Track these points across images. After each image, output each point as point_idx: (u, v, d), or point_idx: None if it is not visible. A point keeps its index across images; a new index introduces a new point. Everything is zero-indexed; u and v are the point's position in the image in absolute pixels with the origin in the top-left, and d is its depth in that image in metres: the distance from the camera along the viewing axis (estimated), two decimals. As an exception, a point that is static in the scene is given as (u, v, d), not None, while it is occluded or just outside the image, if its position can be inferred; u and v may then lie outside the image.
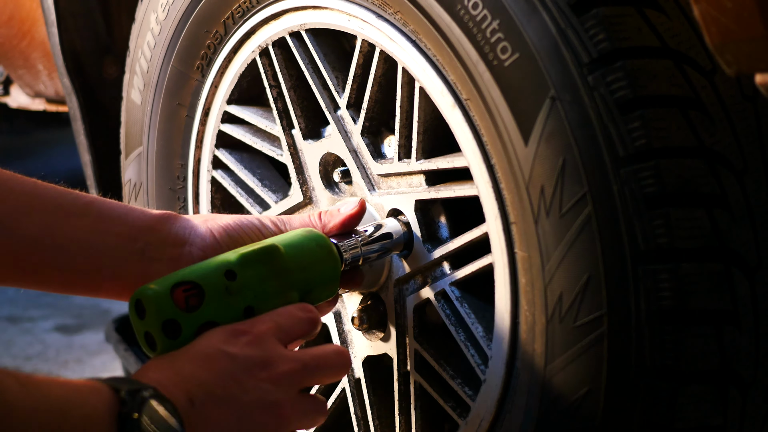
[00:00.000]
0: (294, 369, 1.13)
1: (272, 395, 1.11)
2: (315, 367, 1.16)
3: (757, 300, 1.19)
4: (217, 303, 1.15)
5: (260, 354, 1.11)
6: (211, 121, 1.65)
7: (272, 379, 1.11)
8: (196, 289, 1.14)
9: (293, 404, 1.13)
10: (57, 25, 1.99)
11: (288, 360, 1.13)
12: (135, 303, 1.14)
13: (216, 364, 1.08)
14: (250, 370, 1.10)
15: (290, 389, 1.13)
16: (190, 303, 1.13)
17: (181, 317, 1.12)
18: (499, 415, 1.31)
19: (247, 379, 1.09)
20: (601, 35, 1.14)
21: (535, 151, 1.18)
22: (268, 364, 1.12)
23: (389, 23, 1.35)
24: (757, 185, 1.19)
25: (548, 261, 1.20)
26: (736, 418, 1.20)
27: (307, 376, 1.15)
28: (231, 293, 1.15)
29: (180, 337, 1.12)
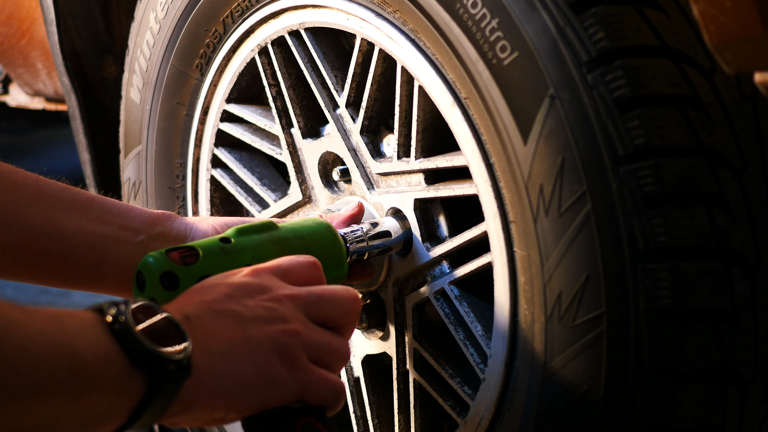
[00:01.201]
0: (298, 293, 1.07)
1: (276, 312, 1.03)
2: (320, 294, 1.08)
3: (755, 299, 1.19)
4: (216, 260, 1.14)
5: (258, 281, 1.06)
6: (210, 119, 1.65)
7: (274, 298, 1.05)
8: (192, 250, 1.14)
9: (303, 324, 1.05)
10: (56, 23, 1.99)
11: (289, 287, 1.07)
12: (136, 277, 1.14)
13: (214, 290, 1.04)
14: (249, 293, 1.04)
15: (296, 311, 1.05)
16: (187, 261, 1.13)
17: (178, 269, 1.12)
18: (498, 414, 1.31)
19: (248, 300, 1.03)
20: (600, 34, 1.14)
21: (534, 150, 1.18)
22: (268, 288, 1.06)
23: (388, 22, 1.35)
24: (756, 184, 1.19)
25: (547, 260, 1.20)
26: (735, 416, 1.20)
27: (312, 303, 1.07)
28: (228, 253, 1.15)
29: (179, 288, 1.11)
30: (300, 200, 1.56)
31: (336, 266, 1.29)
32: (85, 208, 1.19)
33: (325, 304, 1.08)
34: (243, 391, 0.99)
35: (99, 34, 2.03)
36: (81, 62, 2.03)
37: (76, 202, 1.19)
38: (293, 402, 1.03)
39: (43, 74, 2.26)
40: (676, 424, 1.17)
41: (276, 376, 1.01)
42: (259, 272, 1.07)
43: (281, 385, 1.01)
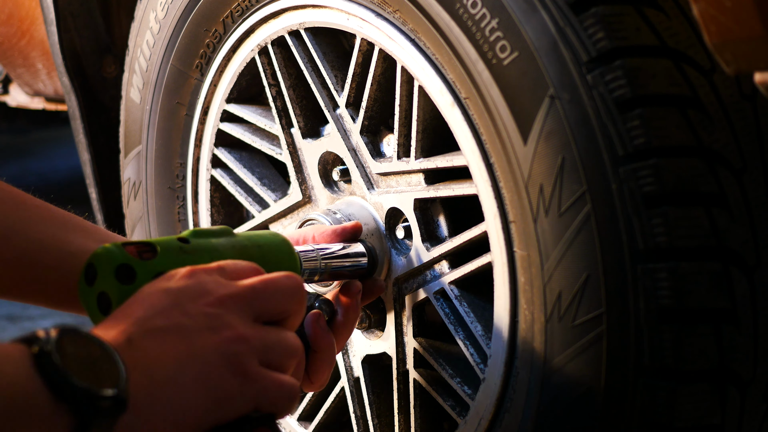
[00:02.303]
0: (240, 291, 1.00)
1: (220, 318, 0.98)
2: (263, 289, 1.01)
3: (755, 299, 1.19)
4: (173, 257, 1.08)
5: (198, 282, 1.00)
6: (210, 119, 1.65)
7: (216, 302, 0.99)
8: (148, 246, 1.09)
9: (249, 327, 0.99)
10: (56, 23, 1.99)
11: (231, 285, 1.01)
12: (85, 270, 1.07)
13: (152, 300, 0.97)
14: (191, 297, 0.98)
15: (241, 312, 0.99)
16: (144, 256, 1.07)
17: (134, 263, 1.05)
18: (498, 414, 1.31)
19: (189, 307, 0.97)
20: (600, 34, 1.14)
21: (534, 150, 1.18)
22: (209, 290, 0.99)
23: (388, 22, 1.35)
24: (756, 184, 1.19)
25: (547, 260, 1.20)
26: (735, 416, 1.20)
27: (256, 298, 1.01)
28: (186, 252, 1.10)
29: (135, 282, 1.05)
30: (300, 200, 1.56)
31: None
32: (90, 231, 1.19)
33: (269, 296, 1.02)
34: (191, 415, 0.94)
35: (99, 34, 2.03)
36: (81, 62, 2.03)
37: (82, 225, 1.19)
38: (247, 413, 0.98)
39: (43, 74, 2.26)
40: (676, 424, 1.17)
41: (227, 390, 0.96)
42: (196, 272, 1.01)
43: (233, 400, 0.96)
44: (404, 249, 1.44)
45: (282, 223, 1.61)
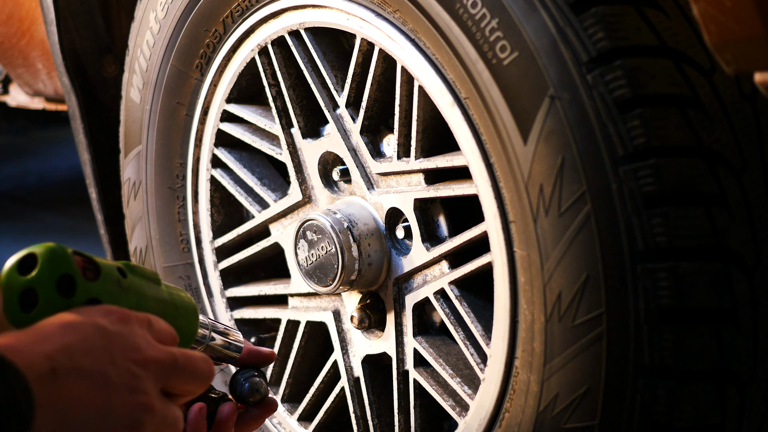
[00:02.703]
0: (165, 359, 1.03)
1: (141, 381, 0.99)
2: (184, 365, 1.05)
3: (755, 299, 1.19)
4: (110, 287, 1.06)
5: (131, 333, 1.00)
6: (210, 119, 1.65)
7: (143, 362, 1.00)
8: (94, 265, 1.06)
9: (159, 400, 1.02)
10: (56, 23, 1.99)
11: (158, 349, 1.03)
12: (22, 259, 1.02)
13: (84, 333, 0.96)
14: (122, 347, 0.98)
15: (158, 381, 1.02)
16: (87, 275, 1.04)
17: (78, 278, 1.02)
18: (497, 414, 1.31)
19: (118, 356, 0.98)
20: (600, 34, 1.14)
21: (534, 150, 1.18)
22: (140, 346, 1.01)
23: (388, 22, 1.35)
24: (756, 184, 1.19)
25: (547, 260, 1.20)
26: (735, 416, 1.20)
27: (175, 372, 1.04)
28: (121, 287, 1.08)
29: (72, 298, 1.01)
30: (300, 200, 1.56)
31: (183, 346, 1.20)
32: None
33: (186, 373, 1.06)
34: None
35: (99, 34, 2.03)
36: (81, 62, 2.03)
37: None
38: None
39: (43, 74, 2.26)
40: (676, 424, 1.17)
41: None
42: (131, 320, 1.03)
43: None
44: (404, 249, 1.44)
45: (282, 223, 1.61)
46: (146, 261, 1.76)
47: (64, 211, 3.87)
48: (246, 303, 1.69)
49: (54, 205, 3.92)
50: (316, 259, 1.47)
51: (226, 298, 1.69)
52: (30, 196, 4.08)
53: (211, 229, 1.69)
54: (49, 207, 3.92)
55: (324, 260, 1.46)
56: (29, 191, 4.12)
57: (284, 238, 1.61)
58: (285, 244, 1.61)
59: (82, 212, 3.61)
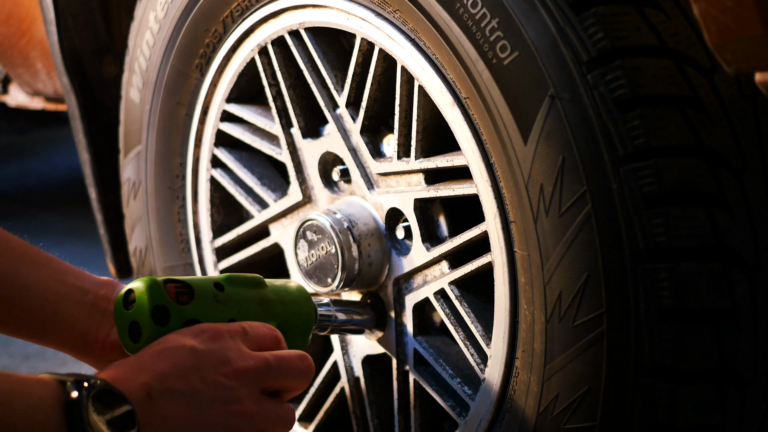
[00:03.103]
0: (256, 366, 1.12)
1: (233, 392, 1.09)
2: (278, 367, 1.14)
3: (755, 299, 1.19)
4: (206, 305, 1.17)
5: (222, 348, 1.10)
6: (210, 119, 1.65)
7: (233, 373, 1.10)
8: (188, 288, 1.17)
9: (255, 403, 1.10)
10: (56, 23, 1.99)
11: (250, 357, 1.12)
12: (124, 295, 1.16)
13: (176, 357, 1.07)
14: (212, 364, 1.09)
15: (252, 387, 1.11)
16: (181, 299, 1.15)
17: (171, 306, 1.14)
18: (498, 414, 1.31)
19: (208, 373, 1.08)
20: (600, 34, 1.14)
21: (535, 150, 1.18)
22: (230, 359, 1.10)
23: (388, 22, 1.35)
24: (756, 184, 1.19)
25: (547, 260, 1.20)
26: (735, 416, 1.20)
27: (269, 375, 1.13)
28: (218, 301, 1.18)
29: (168, 325, 1.13)
30: (300, 200, 1.56)
31: (301, 338, 1.31)
32: (45, 265, 1.23)
33: (281, 374, 1.14)
34: None
35: (99, 34, 2.03)
36: (81, 62, 2.03)
37: (39, 258, 1.23)
38: None
39: (43, 74, 2.26)
40: (676, 424, 1.17)
41: None
42: (222, 336, 1.12)
43: None
44: (404, 249, 1.44)
45: (282, 223, 1.61)
46: (146, 261, 1.76)
47: (64, 211, 3.87)
48: (246, 303, 1.69)
49: (54, 205, 3.92)
50: (316, 260, 1.47)
51: (226, 298, 1.69)
52: (30, 196, 4.08)
53: (211, 229, 1.69)
54: (49, 207, 3.93)
55: (324, 260, 1.46)
56: (29, 191, 4.13)
57: (284, 239, 1.61)
58: (285, 245, 1.61)
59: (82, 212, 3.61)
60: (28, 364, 2.84)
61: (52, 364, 2.83)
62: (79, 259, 2.31)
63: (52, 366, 2.81)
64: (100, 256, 2.19)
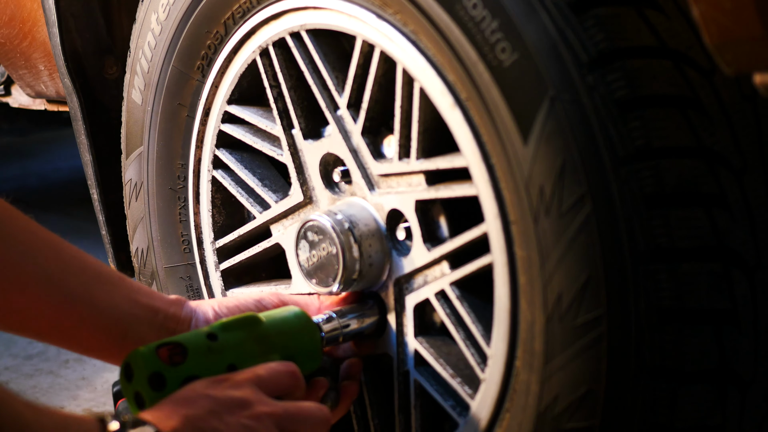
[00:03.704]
0: (274, 412, 1.16)
1: (254, 429, 1.13)
2: (296, 414, 1.17)
3: (756, 300, 1.19)
4: (200, 359, 1.22)
5: (240, 395, 1.15)
6: (211, 121, 1.65)
7: (253, 416, 1.14)
8: (180, 348, 1.22)
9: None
10: (58, 25, 1.99)
11: (268, 404, 1.16)
12: (124, 368, 1.21)
13: (198, 403, 1.12)
14: (231, 408, 1.13)
15: (272, 428, 1.15)
16: (174, 360, 1.20)
17: (165, 370, 1.19)
18: (498, 414, 1.31)
19: (228, 416, 1.12)
20: (600, 35, 1.14)
21: (535, 151, 1.19)
22: (249, 404, 1.15)
23: (389, 23, 1.35)
24: (756, 185, 1.19)
25: (548, 260, 1.20)
26: (735, 417, 1.20)
27: (287, 420, 1.16)
28: (213, 351, 1.23)
29: (165, 389, 1.19)
30: (301, 201, 1.56)
31: (311, 359, 1.36)
32: (117, 285, 1.27)
33: (299, 423, 1.18)
34: None
35: (100, 36, 2.03)
36: (82, 63, 2.03)
37: (111, 278, 1.27)
38: None
39: (45, 75, 2.26)
40: (677, 424, 1.18)
41: None
42: (240, 384, 1.16)
43: None
44: (405, 250, 1.44)
45: (283, 224, 1.61)
46: (147, 262, 1.76)
47: (65, 212, 3.88)
48: (247, 304, 1.69)
49: (55, 206, 3.93)
50: (317, 260, 1.48)
51: (228, 299, 1.70)
52: (31, 196, 4.09)
53: (213, 229, 1.69)
54: (51, 208, 3.93)
55: (325, 261, 1.46)
56: (30, 192, 4.13)
57: (285, 239, 1.61)
58: (286, 245, 1.61)
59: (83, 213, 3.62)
60: (30, 363, 2.85)
61: (53, 364, 2.83)
62: (80, 259, 2.29)
63: (53, 366, 2.82)
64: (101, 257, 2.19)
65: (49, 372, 2.72)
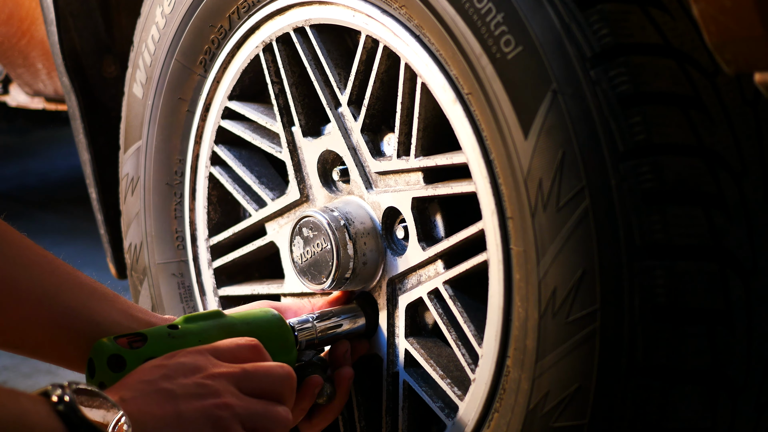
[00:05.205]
0: (231, 372, 1.14)
1: (208, 388, 1.10)
2: (254, 372, 1.15)
3: (751, 305, 1.19)
4: (161, 343, 1.21)
5: (193, 361, 1.14)
6: (211, 116, 1.65)
7: (207, 376, 1.12)
8: (140, 336, 1.22)
9: (237, 398, 1.11)
10: (56, 23, 1.99)
11: (223, 366, 1.14)
12: (88, 365, 1.21)
13: (147, 373, 1.11)
14: (183, 372, 1.12)
15: (228, 385, 1.12)
16: (134, 345, 1.20)
17: (124, 352, 1.19)
18: (487, 414, 1.30)
19: (181, 378, 1.11)
20: (605, 30, 1.15)
21: (535, 144, 1.19)
22: (201, 367, 1.13)
23: (394, 18, 1.36)
24: (755, 189, 1.19)
25: (544, 255, 1.19)
26: (726, 422, 1.20)
27: (245, 379, 1.14)
28: (174, 337, 1.22)
29: (125, 370, 1.18)
30: (297, 199, 1.56)
31: (284, 352, 1.34)
32: (113, 300, 1.28)
33: (258, 379, 1.15)
34: None
35: (99, 35, 2.04)
36: (81, 62, 2.03)
37: (107, 294, 1.28)
38: None
39: (43, 74, 2.27)
40: (666, 425, 1.17)
41: None
42: (193, 352, 1.15)
43: None
44: (400, 249, 1.44)
45: (278, 222, 1.60)
46: (140, 258, 1.75)
47: (64, 210, 3.87)
48: (239, 302, 1.68)
49: (54, 205, 3.92)
50: (311, 256, 1.47)
51: (219, 297, 1.69)
52: (30, 195, 4.08)
53: (207, 227, 1.69)
54: (50, 207, 3.92)
55: (319, 257, 1.46)
56: (29, 191, 4.13)
57: (280, 237, 1.60)
58: (280, 243, 1.61)
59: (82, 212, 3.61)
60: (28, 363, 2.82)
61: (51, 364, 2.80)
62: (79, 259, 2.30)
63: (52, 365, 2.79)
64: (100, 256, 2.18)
65: (47, 371, 2.70)
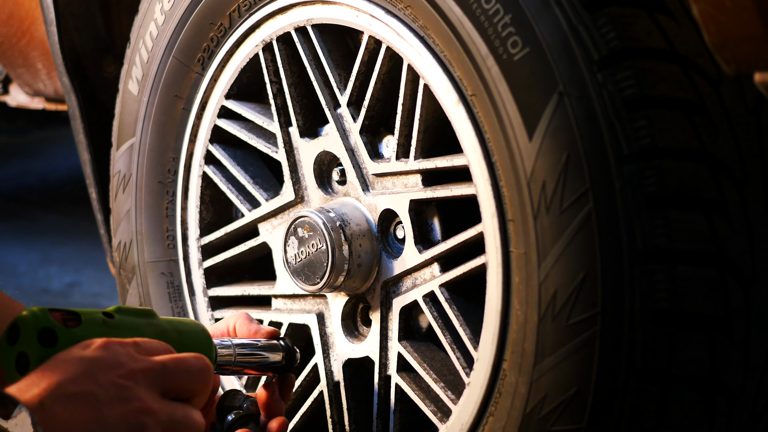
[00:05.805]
0: (152, 366, 1.11)
1: (131, 391, 1.08)
2: (174, 367, 1.12)
3: (750, 313, 1.18)
4: (95, 329, 1.15)
5: (112, 354, 1.10)
6: (207, 115, 1.64)
7: (128, 374, 1.09)
8: (74, 315, 1.15)
9: (157, 402, 1.09)
10: (56, 23, 1.98)
11: (144, 360, 1.11)
12: (9, 330, 1.13)
13: (66, 366, 1.07)
14: (104, 368, 1.08)
15: (151, 388, 1.10)
16: (68, 324, 1.13)
17: (58, 328, 1.12)
18: (481, 418, 1.29)
19: (102, 377, 1.07)
20: (612, 33, 1.15)
21: (540, 146, 1.18)
22: (123, 363, 1.09)
23: (398, 19, 1.35)
24: (756, 198, 1.19)
25: (545, 258, 1.19)
26: (722, 429, 1.19)
27: (167, 376, 1.11)
28: (109, 326, 1.17)
29: (56, 347, 1.11)
30: (292, 200, 1.55)
31: None
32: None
33: (178, 374, 1.12)
34: None
35: (99, 34, 2.03)
36: (81, 62, 2.02)
37: None
38: None
39: (43, 74, 2.25)
40: (664, 430, 1.16)
41: None
42: (111, 344, 1.11)
43: None
44: (395, 252, 1.43)
45: (272, 223, 1.59)
46: (129, 256, 1.73)
47: (64, 210, 3.85)
48: (228, 303, 1.67)
49: (54, 205, 3.91)
50: (305, 257, 1.46)
51: (208, 298, 1.67)
52: (30, 195, 4.07)
53: (199, 226, 1.67)
54: (49, 207, 3.91)
55: (314, 258, 1.45)
56: (29, 191, 4.11)
57: (273, 238, 1.59)
58: (273, 244, 1.59)
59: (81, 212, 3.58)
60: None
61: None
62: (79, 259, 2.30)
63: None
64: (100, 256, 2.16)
65: None
